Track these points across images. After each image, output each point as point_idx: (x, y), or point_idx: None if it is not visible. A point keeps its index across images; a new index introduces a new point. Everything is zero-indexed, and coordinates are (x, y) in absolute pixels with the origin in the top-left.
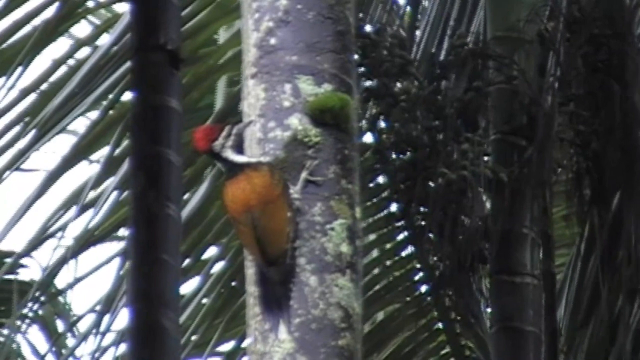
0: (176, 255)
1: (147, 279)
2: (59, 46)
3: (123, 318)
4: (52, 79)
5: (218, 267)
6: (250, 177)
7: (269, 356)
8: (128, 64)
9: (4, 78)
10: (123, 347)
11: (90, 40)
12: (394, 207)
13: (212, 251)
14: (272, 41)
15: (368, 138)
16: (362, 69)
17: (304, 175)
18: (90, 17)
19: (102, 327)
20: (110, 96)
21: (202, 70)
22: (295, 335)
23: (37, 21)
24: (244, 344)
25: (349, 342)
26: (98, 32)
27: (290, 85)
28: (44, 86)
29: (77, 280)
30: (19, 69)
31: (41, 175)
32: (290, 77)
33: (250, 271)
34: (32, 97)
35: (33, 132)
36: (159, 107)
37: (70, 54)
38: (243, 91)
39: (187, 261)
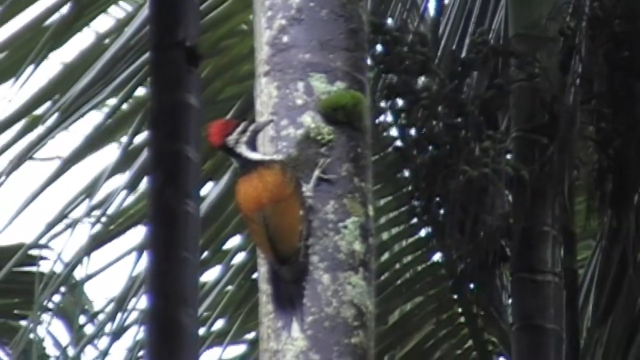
0: (195, 252)
1: (165, 276)
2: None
3: (141, 310)
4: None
5: (239, 258)
6: (263, 175)
7: (281, 354)
8: (145, 56)
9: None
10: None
11: (110, 33)
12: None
13: (233, 243)
14: (285, 39)
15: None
16: (383, 65)
17: (316, 173)
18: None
19: (120, 319)
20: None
21: (224, 61)
22: (308, 333)
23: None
24: None
25: (362, 340)
26: (121, 24)
27: (303, 83)
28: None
29: (90, 276)
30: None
31: (51, 165)
32: (303, 75)
33: (262, 269)
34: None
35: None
36: (177, 103)
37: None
38: (256, 89)
39: (206, 253)
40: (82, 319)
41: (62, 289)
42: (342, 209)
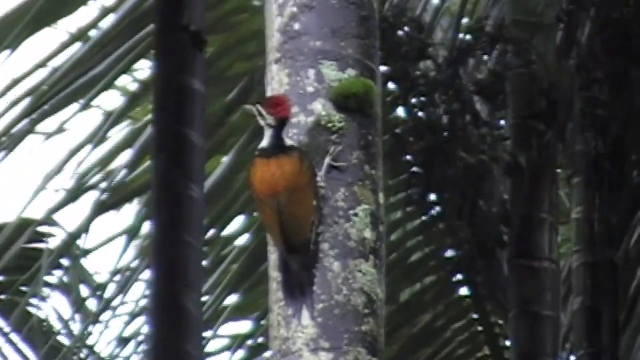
0: (199, 237)
1: (170, 260)
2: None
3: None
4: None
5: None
6: (282, 163)
7: (292, 341)
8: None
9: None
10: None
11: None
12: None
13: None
14: (296, 27)
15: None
16: (381, 52)
17: (327, 160)
18: None
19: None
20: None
21: (232, 39)
22: (318, 320)
23: None
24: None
25: (373, 327)
26: None
27: (314, 71)
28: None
29: (92, 250)
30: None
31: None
32: (314, 62)
33: (273, 257)
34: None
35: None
36: (182, 88)
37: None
38: (267, 76)
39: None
40: (85, 293)
41: (63, 261)
42: (352, 196)
